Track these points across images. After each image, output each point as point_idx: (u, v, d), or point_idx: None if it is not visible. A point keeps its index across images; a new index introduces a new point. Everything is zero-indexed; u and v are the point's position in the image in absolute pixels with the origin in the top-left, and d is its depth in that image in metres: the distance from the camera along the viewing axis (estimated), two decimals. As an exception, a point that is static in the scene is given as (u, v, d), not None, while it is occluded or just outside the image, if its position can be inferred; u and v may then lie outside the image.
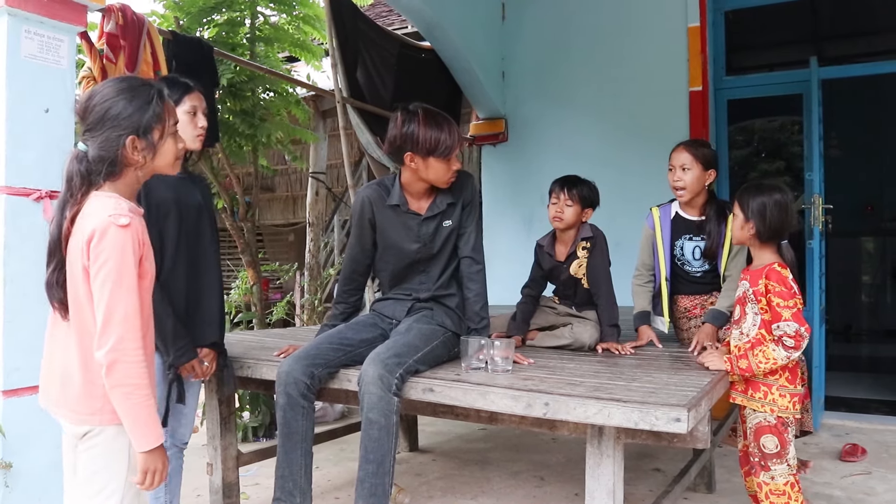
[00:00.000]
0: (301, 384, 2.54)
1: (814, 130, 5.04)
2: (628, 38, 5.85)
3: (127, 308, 1.69)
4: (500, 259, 6.09)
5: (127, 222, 1.72)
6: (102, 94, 1.80)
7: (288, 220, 11.82)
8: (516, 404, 2.16)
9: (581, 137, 6.03)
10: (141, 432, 1.72)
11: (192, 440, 4.67)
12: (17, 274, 2.36)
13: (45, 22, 2.49)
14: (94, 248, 1.69)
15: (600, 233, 3.23)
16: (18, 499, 2.34)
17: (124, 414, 1.71)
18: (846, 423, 4.95)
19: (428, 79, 6.05)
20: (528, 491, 3.66)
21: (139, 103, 1.80)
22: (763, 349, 2.46)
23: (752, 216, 2.55)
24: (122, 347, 1.68)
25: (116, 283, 1.68)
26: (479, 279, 2.85)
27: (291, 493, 2.57)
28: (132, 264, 1.72)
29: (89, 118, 1.78)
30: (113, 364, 1.67)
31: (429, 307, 2.86)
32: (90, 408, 1.75)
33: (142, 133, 1.79)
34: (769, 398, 2.51)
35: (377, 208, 2.88)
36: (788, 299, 2.44)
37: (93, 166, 1.76)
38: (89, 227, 1.70)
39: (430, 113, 2.72)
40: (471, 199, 2.88)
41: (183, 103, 2.51)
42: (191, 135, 2.53)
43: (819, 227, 4.92)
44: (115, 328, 1.67)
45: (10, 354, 2.35)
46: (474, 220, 2.89)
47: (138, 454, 1.73)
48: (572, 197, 3.17)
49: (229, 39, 5.03)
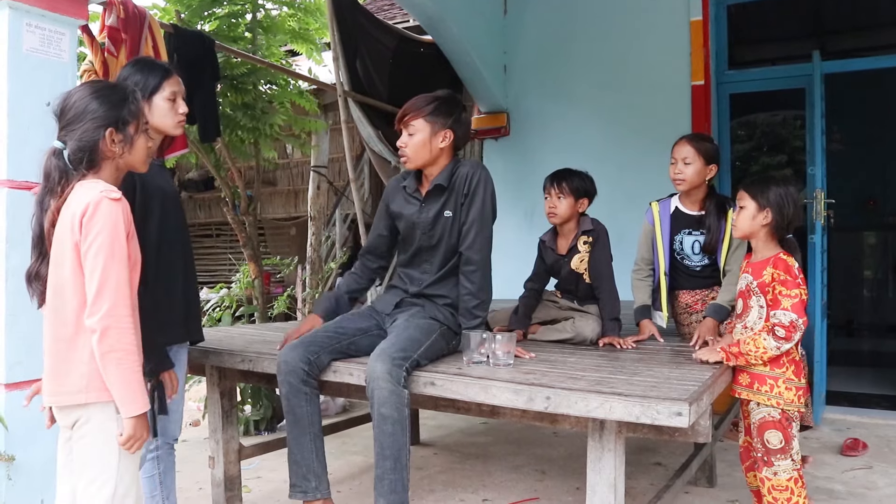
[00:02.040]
0: (300, 371, 2.57)
1: (816, 125, 5.03)
2: (631, 33, 5.84)
3: (119, 277, 1.77)
4: (502, 254, 6.04)
5: (118, 196, 1.81)
6: (80, 93, 1.89)
7: (289, 214, 11.80)
8: (518, 398, 2.16)
9: (583, 131, 6.03)
10: (130, 398, 1.78)
11: (194, 433, 4.72)
12: (18, 268, 2.36)
13: (47, 15, 2.48)
14: (88, 222, 1.76)
15: (602, 227, 3.22)
16: (21, 491, 2.35)
17: (115, 380, 1.76)
18: (847, 418, 4.95)
19: (426, 72, 6.03)
20: (529, 485, 3.67)
21: (116, 99, 1.91)
22: (755, 337, 2.46)
23: (768, 206, 2.52)
24: (116, 314, 1.75)
25: (109, 253, 1.76)
26: (473, 279, 2.75)
27: (306, 477, 2.59)
28: (124, 237, 1.80)
29: (68, 115, 1.86)
30: (106, 329, 1.74)
31: (420, 304, 2.87)
32: (75, 386, 1.79)
33: (120, 126, 1.88)
34: (775, 391, 2.49)
35: (394, 194, 2.96)
36: (792, 288, 2.43)
37: (72, 157, 1.83)
38: (82, 203, 1.77)
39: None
40: (470, 190, 2.76)
41: (162, 89, 2.41)
42: (172, 121, 2.45)
43: (821, 221, 4.91)
44: (109, 296, 1.74)
45: (11, 348, 2.36)
46: (478, 216, 2.75)
47: (125, 420, 1.79)
48: (562, 190, 3.17)
49: (230, 33, 5.02)
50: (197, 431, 4.83)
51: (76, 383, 1.79)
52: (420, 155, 2.79)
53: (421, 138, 2.76)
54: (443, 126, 2.77)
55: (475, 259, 2.76)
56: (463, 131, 2.84)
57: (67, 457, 1.87)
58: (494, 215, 2.84)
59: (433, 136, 2.76)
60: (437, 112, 2.76)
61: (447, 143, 2.79)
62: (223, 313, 5.56)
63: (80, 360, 1.79)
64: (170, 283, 2.42)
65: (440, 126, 2.76)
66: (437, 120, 2.76)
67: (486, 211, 2.76)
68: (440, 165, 2.82)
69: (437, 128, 2.76)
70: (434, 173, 2.83)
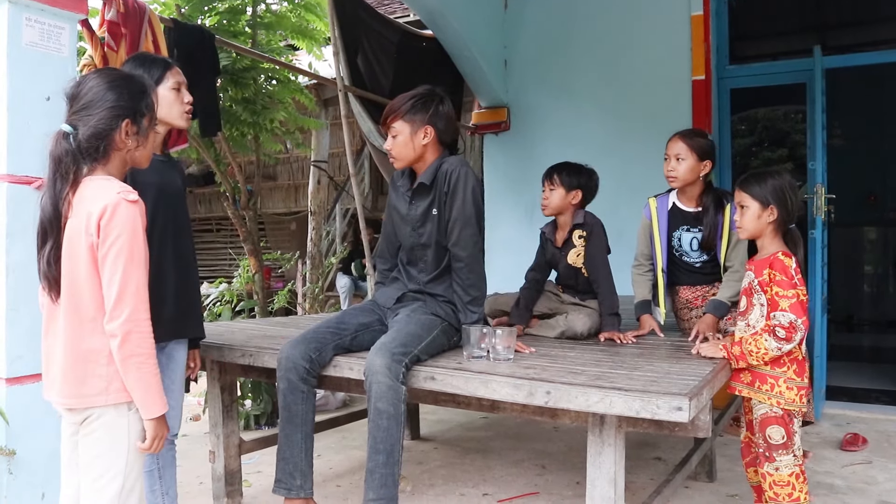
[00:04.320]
0: (301, 368, 2.57)
1: (817, 120, 5.02)
2: (631, 27, 5.82)
3: (138, 281, 1.76)
4: (502, 248, 6.10)
5: (136, 198, 1.79)
6: (97, 79, 1.85)
7: (290, 208, 11.83)
8: (518, 393, 2.17)
9: (583, 126, 6.02)
10: (152, 400, 1.79)
11: (194, 428, 4.72)
12: (19, 262, 2.36)
13: (46, 9, 2.48)
14: (107, 225, 1.73)
15: (596, 220, 3.22)
16: (22, 486, 2.35)
17: (136, 384, 1.77)
18: (847, 413, 4.96)
19: (429, 67, 6.02)
20: (529, 479, 3.67)
21: (135, 91, 1.88)
22: (756, 338, 2.45)
23: (772, 202, 2.50)
24: (136, 318, 1.75)
25: (129, 257, 1.75)
26: (462, 275, 2.74)
27: (292, 474, 2.61)
28: (142, 239, 1.79)
29: (82, 99, 1.82)
30: (128, 335, 1.73)
31: (422, 299, 2.87)
32: (95, 388, 1.78)
33: (137, 118, 1.86)
34: (776, 390, 2.48)
35: (394, 193, 2.98)
36: (788, 289, 2.42)
37: (84, 144, 1.79)
38: (98, 205, 1.74)
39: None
40: (450, 188, 2.74)
41: (166, 80, 2.42)
42: (178, 111, 2.46)
43: (822, 216, 4.90)
44: (129, 300, 1.74)
45: (12, 342, 2.35)
46: (460, 213, 2.72)
47: (147, 422, 1.80)
48: (553, 182, 3.20)
49: (230, 27, 5.01)
50: (197, 426, 4.83)
51: (96, 385, 1.78)
52: (405, 154, 2.81)
53: (403, 139, 2.78)
54: (422, 123, 2.77)
55: (462, 256, 2.75)
56: (444, 124, 2.82)
57: (73, 451, 1.87)
58: (480, 211, 2.80)
59: (414, 135, 2.77)
60: (415, 110, 2.77)
61: (430, 139, 2.79)
62: (223, 308, 5.57)
63: (98, 361, 1.78)
64: (160, 280, 2.35)
65: (419, 123, 2.77)
66: (416, 118, 2.77)
67: (468, 207, 2.73)
68: (427, 161, 2.83)
69: (416, 126, 2.77)
70: (422, 170, 2.84)
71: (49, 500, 2.41)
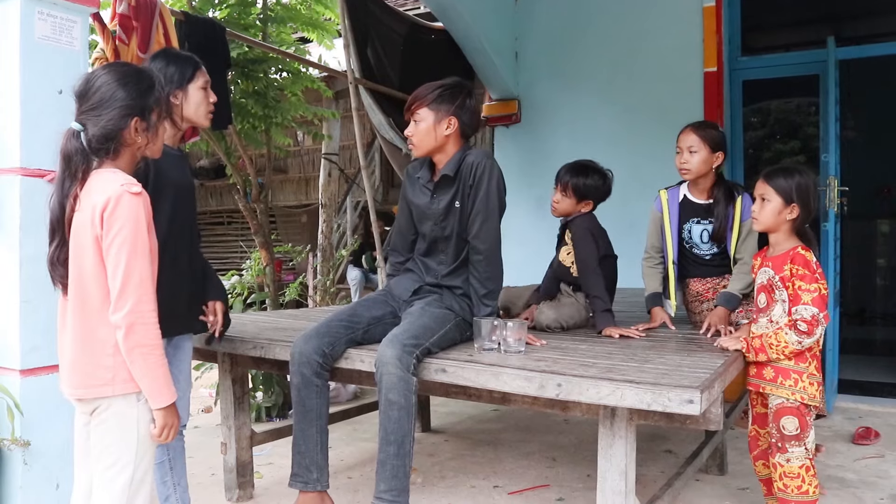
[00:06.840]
0: (314, 363, 2.58)
1: (830, 112, 4.99)
2: (642, 19, 5.79)
3: (142, 272, 1.78)
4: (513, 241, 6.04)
5: (139, 190, 1.81)
6: (106, 77, 1.85)
7: (300, 201, 11.85)
8: (529, 385, 2.17)
9: (594, 118, 6.00)
10: (158, 391, 1.81)
11: (206, 420, 4.75)
12: (33, 255, 2.38)
13: (58, 3, 2.48)
14: (110, 217, 1.75)
15: (581, 220, 3.21)
16: (37, 476, 2.37)
17: (142, 374, 1.78)
18: (859, 407, 4.94)
19: (437, 60, 6.01)
20: (540, 472, 3.68)
21: (144, 87, 1.89)
22: (777, 332, 2.45)
23: (795, 201, 2.49)
24: (140, 310, 1.76)
25: (132, 249, 1.76)
26: (480, 268, 2.76)
27: (308, 468, 2.63)
28: (146, 231, 1.80)
29: (92, 99, 1.83)
30: (132, 326, 1.75)
31: (438, 292, 2.87)
32: (101, 379, 1.80)
33: (146, 115, 1.87)
34: (800, 385, 2.48)
35: (411, 186, 2.98)
36: (811, 283, 2.41)
37: (94, 144, 1.81)
38: (102, 197, 1.76)
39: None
40: (475, 180, 2.76)
41: (196, 79, 2.47)
42: (204, 111, 2.50)
43: (834, 209, 4.88)
44: (133, 292, 1.75)
45: (27, 334, 2.37)
46: (483, 206, 2.75)
47: (156, 412, 1.82)
48: (566, 191, 3.21)
49: (241, 20, 5.01)
50: (209, 418, 4.86)
51: (102, 376, 1.80)
52: (426, 142, 2.81)
53: (426, 126, 2.78)
54: (447, 113, 2.77)
55: (481, 248, 2.76)
56: (468, 118, 2.83)
57: (85, 442, 1.89)
58: (502, 205, 2.83)
59: (437, 124, 2.77)
60: (441, 99, 2.78)
61: (452, 130, 2.79)
62: (235, 300, 5.58)
63: (105, 352, 1.80)
64: (174, 275, 2.36)
65: (444, 113, 2.77)
66: (441, 107, 2.77)
67: (492, 200, 2.75)
68: (448, 153, 2.83)
69: (441, 115, 2.77)
70: (443, 162, 2.83)
71: (63, 490, 2.42)
